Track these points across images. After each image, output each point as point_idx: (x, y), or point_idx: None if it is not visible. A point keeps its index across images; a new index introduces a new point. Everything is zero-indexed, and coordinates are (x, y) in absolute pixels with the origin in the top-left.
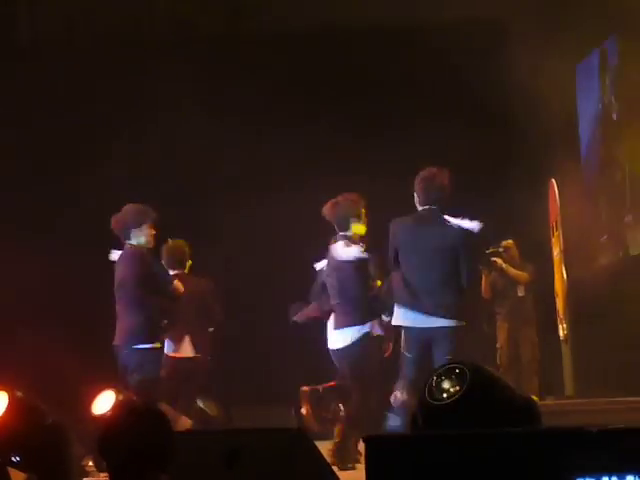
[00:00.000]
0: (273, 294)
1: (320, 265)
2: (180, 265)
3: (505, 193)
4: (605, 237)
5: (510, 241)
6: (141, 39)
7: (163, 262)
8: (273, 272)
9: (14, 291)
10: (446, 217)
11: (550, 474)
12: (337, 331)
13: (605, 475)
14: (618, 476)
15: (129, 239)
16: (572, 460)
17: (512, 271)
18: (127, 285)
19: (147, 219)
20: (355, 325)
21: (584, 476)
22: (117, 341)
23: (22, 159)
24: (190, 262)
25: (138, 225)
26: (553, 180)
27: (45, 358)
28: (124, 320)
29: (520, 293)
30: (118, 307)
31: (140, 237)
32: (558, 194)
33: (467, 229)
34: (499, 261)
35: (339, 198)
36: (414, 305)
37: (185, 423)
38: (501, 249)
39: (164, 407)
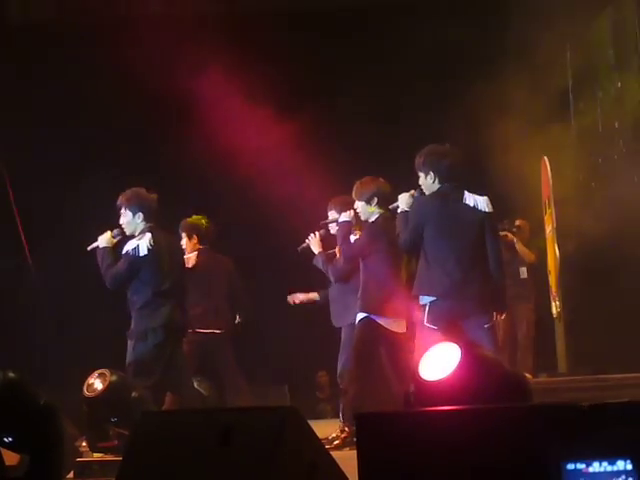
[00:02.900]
0: (269, 273)
1: None
2: (207, 240)
3: (498, 171)
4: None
5: (524, 221)
6: (132, 17)
7: (186, 238)
8: (270, 253)
9: (12, 269)
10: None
11: (540, 450)
12: None
13: (596, 460)
14: (609, 461)
15: None
16: (562, 436)
17: (523, 249)
18: None
19: None
20: None
21: (575, 461)
22: None
23: (14, 139)
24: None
25: None
26: (545, 157)
27: (38, 338)
28: None
29: (523, 275)
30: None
31: None
32: (550, 171)
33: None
34: (510, 236)
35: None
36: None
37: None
38: (514, 229)
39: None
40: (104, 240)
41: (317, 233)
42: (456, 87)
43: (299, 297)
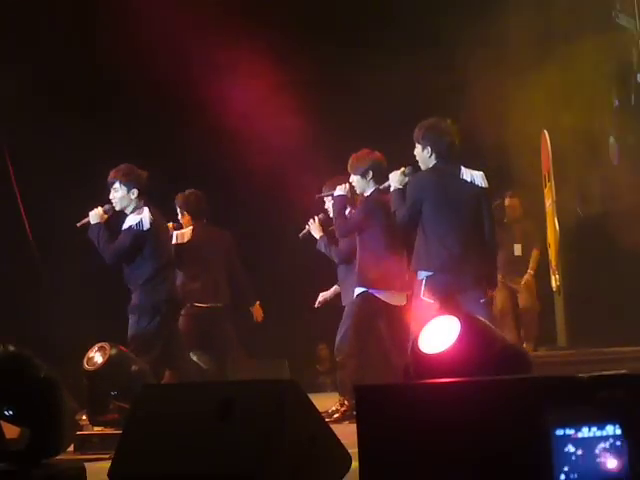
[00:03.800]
0: (270, 244)
1: None
2: (201, 215)
3: (498, 144)
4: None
5: (515, 199)
6: None
7: (182, 212)
8: (270, 227)
9: (13, 243)
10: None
11: (533, 421)
12: None
13: (585, 425)
14: (598, 426)
15: None
16: (556, 408)
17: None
18: None
19: None
20: None
21: (564, 427)
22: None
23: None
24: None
25: None
26: (545, 131)
27: (39, 311)
28: None
29: (517, 252)
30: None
31: None
32: (550, 145)
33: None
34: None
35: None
36: None
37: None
38: (508, 209)
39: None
40: (95, 216)
41: (316, 218)
42: (455, 57)
43: (325, 296)
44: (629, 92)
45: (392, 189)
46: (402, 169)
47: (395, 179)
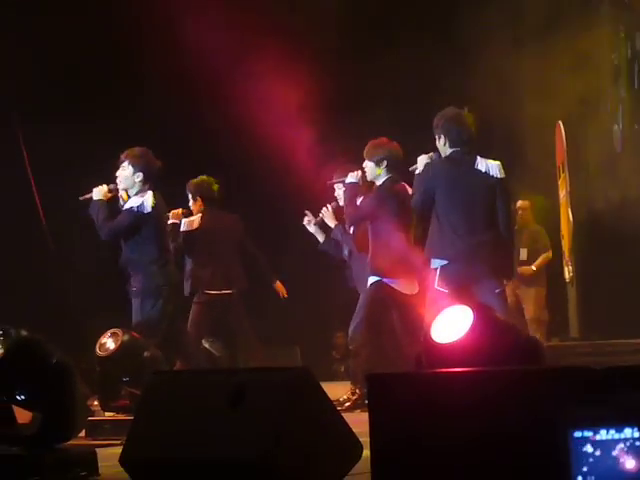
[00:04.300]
0: (284, 232)
1: None
2: (213, 201)
3: (512, 137)
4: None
5: (526, 202)
6: None
7: (194, 198)
8: (286, 212)
9: (19, 226)
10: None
11: (548, 415)
12: None
13: (603, 428)
14: (616, 429)
15: None
16: (570, 401)
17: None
18: None
19: None
20: None
21: (582, 429)
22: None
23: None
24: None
25: None
26: (560, 122)
27: (51, 297)
28: None
29: (523, 257)
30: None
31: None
32: (565, 136)
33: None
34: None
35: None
36: None
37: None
38: (520, 211)
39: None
40: (99, 193)
41: (329, 206)
42: (473, 50)
43: (312, 221)
44: (633, 78)
45: (417, 172)
46: (430, 153)
47: (422, 163)
